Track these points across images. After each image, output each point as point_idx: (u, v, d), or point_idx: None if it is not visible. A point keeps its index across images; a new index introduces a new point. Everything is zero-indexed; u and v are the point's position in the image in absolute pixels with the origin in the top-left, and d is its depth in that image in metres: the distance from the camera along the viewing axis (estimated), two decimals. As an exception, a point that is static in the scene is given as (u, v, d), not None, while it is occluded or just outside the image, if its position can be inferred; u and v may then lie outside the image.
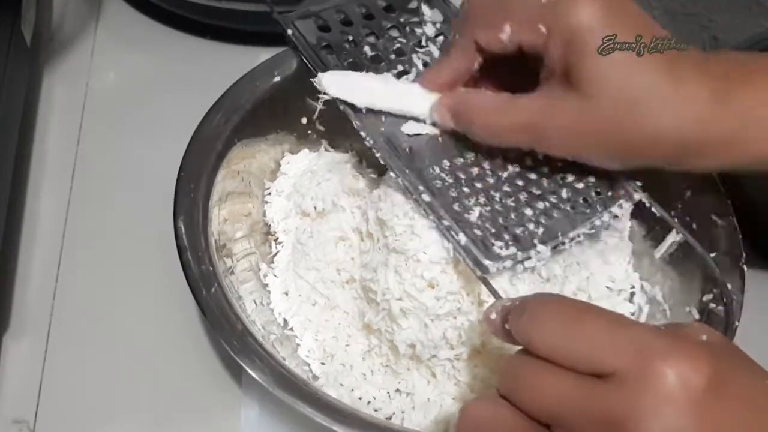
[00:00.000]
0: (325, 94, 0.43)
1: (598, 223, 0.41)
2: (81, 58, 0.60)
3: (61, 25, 0.62)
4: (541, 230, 0.40)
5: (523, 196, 0.42)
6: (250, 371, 0.38)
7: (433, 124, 0.44)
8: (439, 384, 0.43)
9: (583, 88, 0.37)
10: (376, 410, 0.43)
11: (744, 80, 0.38)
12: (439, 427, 0.42)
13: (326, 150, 0.52)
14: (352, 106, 0.43)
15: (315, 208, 0.47)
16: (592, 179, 0.42)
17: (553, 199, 0.42)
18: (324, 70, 0.45)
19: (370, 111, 0.43)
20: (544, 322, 0.31)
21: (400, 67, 0.47)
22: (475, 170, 0.43)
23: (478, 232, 0.40)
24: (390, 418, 0.43)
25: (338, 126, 0.50)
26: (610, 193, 0.42)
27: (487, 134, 0.41)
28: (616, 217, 0.42)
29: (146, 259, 0.50)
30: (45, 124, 0.57)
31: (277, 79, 0.49)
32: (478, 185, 0.42)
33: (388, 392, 0.44)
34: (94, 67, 0.60)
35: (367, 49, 0.47)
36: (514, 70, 0.42)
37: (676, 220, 0.44)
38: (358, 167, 0.51)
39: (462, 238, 0.39)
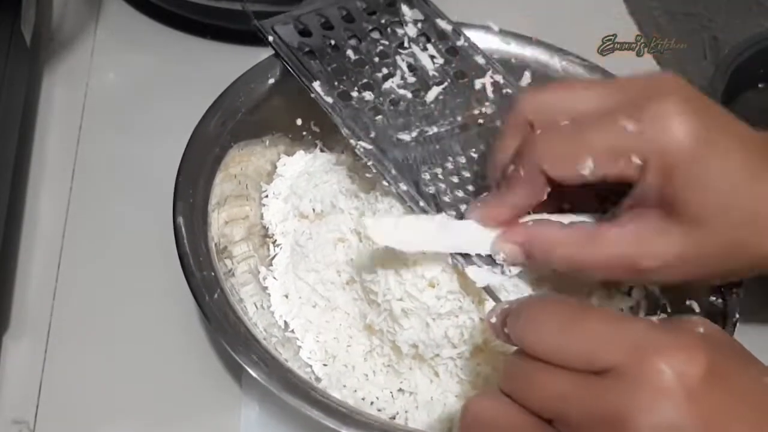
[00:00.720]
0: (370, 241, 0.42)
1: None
2: (81, 58, 0.60)
3: (61, 25, 0.62)
4: None
5: None
6: (255, 375, 0.38)
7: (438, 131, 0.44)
8: (442, 383, 0.43)
9: (690, 216, 0.35)
10: (379, 410, 0.43)
11: None
12: (443, 425, 0.42)
13: (321, 151, 0.52)
14: (341, 118, 0.44)
15: (313, 209, 0.47)
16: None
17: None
18: (308, 77, 0.45)
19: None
20: (539, 324, 0.31)
21: (385, 70, 0.47)
22: (467, 175, 0.43)
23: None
24: (394, 418, 0.43)
25: (333, 127, 0.50)
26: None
27: (570, 268, 0.38)
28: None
29: (146, 259, 0.50)
30: (45, 124, 0.57)
31: (271, 80, 0.49)
32: (471, 189, 0.42)
33: (391, 392, 0.44)
34: (94, 67, 0.60)
35: (350, 52, 0.47)
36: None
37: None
38: (355, 168, 0.51)
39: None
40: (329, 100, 0.45)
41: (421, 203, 0.41)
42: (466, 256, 0.39)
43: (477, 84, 0.48)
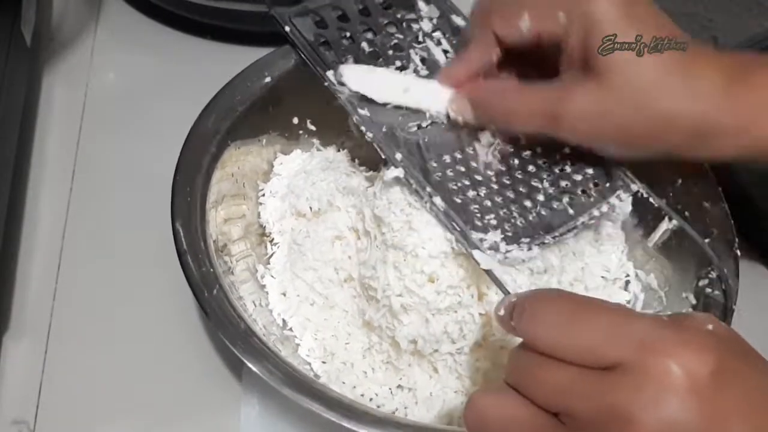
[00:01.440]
0: (341, 85, 0.44)
1: (596, 213, 0.42)
2: (81, 58, 0.60)
3: (61, 25, 0.62)
4: (541, 222, 0.41)
5: (523, 188, 0.43)
6: (256, 371, 0.38)
7: (448, 119, 0.44)
8: (441, 378, 0.43)
9: (601, 74, 0.38)
10: (378, 406, 0.43)
11: (759, 69, 0.39)
12: (442, 421, 0.42)
13: (318, 149, 0.52)
14: (352, 103, 0.44)
15: (311, 208, 0.48)
16: (590, 171, 0.43)
17: (552, 191, 0.43)
18: (323, 67, 0.45)
19: (369, 105, 0.44)
20: (544, 319, 0.31)
21: (398, 63, 0.47)
22: (474, 164, 0.43)
23: (478, 223, 0.40)
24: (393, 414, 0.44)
25: (329, 125, 0.50)
26: (608, 184, 0.43)
27: (506, 119, 0.42)
28: (614, 207, 0.43)
29: (146, 259, 0.50)
30: (45, 124, 0.57)
31: (267, 79, 0.49)
32: (478, 178, 0.42)
33: (390, 388, 0.44)
34: (94, 67, 0.60)
35: (364, 45, 0.47)
36: (533, 68, 0.43)
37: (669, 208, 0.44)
38: (352, 165, 0.51)
39: (462, 226, 0.40)
40: (341, 92, 0.45)
41: (428, 189, 0.41)
42: (470, 240, 0.39)
43: None
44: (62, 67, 0.60)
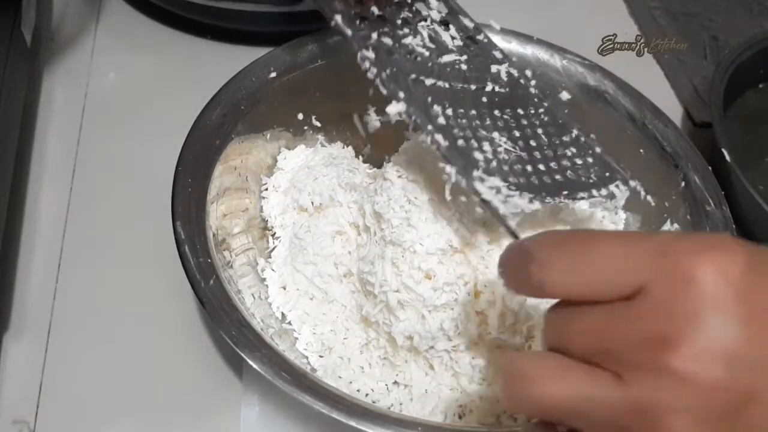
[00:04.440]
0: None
1: (595, 194, 0.42)
2: (81, 58, 0.60)
3: (61, 25, 0.62)
4: (542, 184, 0.41)
5: (526, 154, 0.42)
6: (249, 361, 0.38)
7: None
8: (436, 375, 0.43)
9: None
10: (374, 402, 0.43)
11: None
12: (438, 418, 0.42)
13: (322, 145, 0.52)
14: (359, 42, 0.43)
15: (312, 203, 0.48)
16: (590, 159, 0.43)
17: (553, 164, 0.43)
18: (331, 12, 0.44)
19: (377, 48, 0.43)
20: (552, 263, 0.29)
21: (406, 30, 0.46)
22: (478, 121, 0.43)
23: (481, 165, 0.40)
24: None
25: (334, 121, 0.50)
26: (607, 174, 0.43)
27: None
28: (612, 195, 0.42)
29: (146, 260, 0.50)
30: (45, 124, 0.57)
31: (273, 74, 0.49)
32: (483, 133, 0.42)
33: (386, 384, 0.44)
34: (94, 68, 0.60)
35: (374, 8, 0.46)
36: None
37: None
38: (354, 162, 0.51)
39: (464, 161, 0.39)
40: (348, 31, 0.44)
41: (430, 126, 0.40)
42: (470, 175, 0.39)
43: (493, 68, 0.47)
44: (62, 67, 0.60)
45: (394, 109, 0.41)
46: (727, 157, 0.52)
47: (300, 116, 0.51)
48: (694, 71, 0.64)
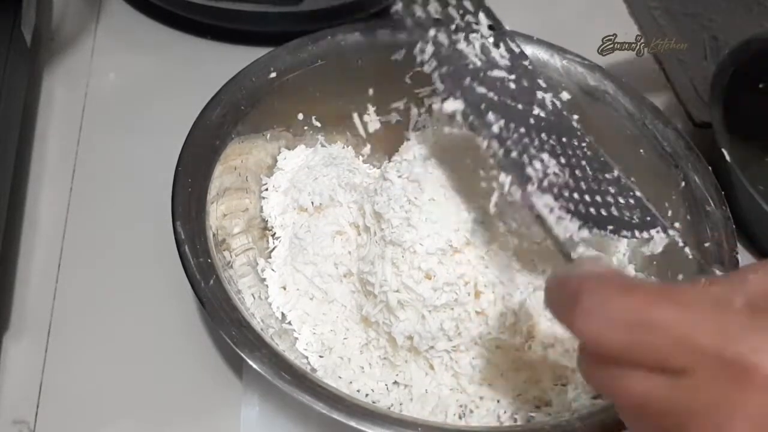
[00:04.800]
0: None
1: (638, 235, 0.40)
2: (81, 58, 0.60)
3: (61, 25, 0.62)
4: (587, 214, 0.39)
5: (574, 181, 0.41)
6: (249, 361, 0.38)
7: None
8: (436, 375, 0.43)
9: None
10: (374, 402, 0.43)
11: None
12: (438, 418, 0.42)
13: (322, 146, 0.52)
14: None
15: (312, 203, 0.48)
16: (632, 201, 0.41)
17: (598, 197, 0.41)
18: None
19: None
20: (600, 315, 0.28)
21: (460, 35, 0.44)
22: (536, 141, 0.41)
23: (533, 180, 0.39)
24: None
25: (334, 121, 0.50)
26: (648, 218, 0.41)
27: None
28: (653, 239, 0.41)
29: (146, 260, 0.50)
30: (45, 124, 0.57)
31: (273, 74, 0.49)
32: (533, 151, 0.40)
33: (386, 384, 0.44)
34: (94, 68, 0.60)
35: (431, 7, 0.45)
36: None
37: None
38: (354, 162, 0.51)
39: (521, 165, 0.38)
40: (409, 20, 0.43)
41: (485, 131, 0.39)
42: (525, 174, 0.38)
43: (538, 94, 0.45)
44: (62, 67, 0.60)
45: (452, 106, 0.40)
46: (727, 157, 0.52)
47: (300, 116, 0.51)
48: (694, 71, 0.64)
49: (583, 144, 0.43)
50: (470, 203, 0.43)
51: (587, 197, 0.40)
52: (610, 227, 0.39)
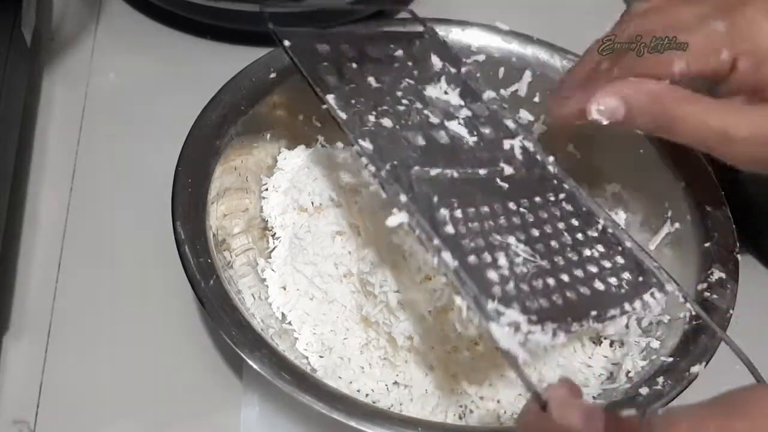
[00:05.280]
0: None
1: (628, 308, 0.37)
2: (81, 58, 0.60)
3: (61, 25, 0.62)
4: (566, 305, 0.35)
5: (547, 264, 0.36)
6: (249, 361, 0.38)
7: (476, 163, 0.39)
8: (436, 376, 0.43)
9: None
10: (374, 402, 0.43)
11: None
12: (437, 418, 0.42)
13: (322, 146, 0.52)
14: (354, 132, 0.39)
15: (312, 203, 0.48)
16: (620, 260, 0.38)
17: (578, 273, 0.37)
18: (324, 90, 0.41)
19: (376, 136, 0.39)
20: None
21: (405, 102, 0.42)
22: (502, 219, 0.38)
23: (495, 292, 0.34)
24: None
25: (334, 123, 0.50)
26: (640, 279, 0.38)
27: (669, 125, 0.38)
28: (647, 305, 0.37)
29: (147, 260, 0.50)
30: (45, 124, 0.57)
31: (273, 75, 0.49)
32: (497, 239, 0.36)
33: (386, 384, 0.44)
34: (94, 67, 0.60)
35: (371, 79, 0.43)
36: None
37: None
38: (355, 162, 0.51)
39: (476, 291, 0.33)
40: (343, 115, 0.40)
41: (436, 241, 0.34)
42: (485, 310, 0.33)
43: (506, 144, 0.42)
44: (62, 67, 0.60)
45: (396, 220, 0.35)
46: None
47: (300, 117, 0.51)
48: (694, 71, 0.64)
49: (561, 195, 0.40)
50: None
51: (565, 277, 0.36)
52: (593, 313, 0.35)
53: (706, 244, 0.44)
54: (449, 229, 0.35)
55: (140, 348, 0.47)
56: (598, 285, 0.37)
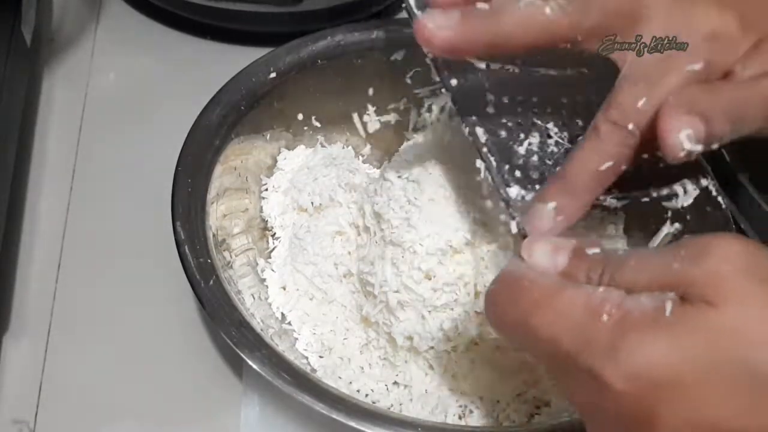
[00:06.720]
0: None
1: (654, 195, 0.38)
2: (81, 58, 0.60)
3: (61, 25, 0.62)
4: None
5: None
6: (249, 361, 0.38)
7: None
8: (436, 376, 0.43)
9: None
10: (374, 402, 0.43)
11: None
12: (437, 418, 0.42)
13: (322, 146, 0.52)
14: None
15: (312, 203, 0.48)
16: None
17: None
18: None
19: None
20: (499, 322, 0.32)
21: None
22: (549, 109, 0.39)
23: (518, 162, 0.37)
24: (387, 411, 0.44)
25: (334, 122, 0.50)
26: (675, 171, 0.38)
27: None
28: (675, 196, 0.38)
29: (146, 260, 0.50)
30: (45, 124, 0.57)
31: (273, 75, 0.49)
32: (534, 122, 0.38)
33: (386, 385, 0.44)
34: (94, 68, 0.60)
35: None
36: None
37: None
38: (354, 162, 0.51)
39: (494, 160, 0.36)
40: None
41: (473, 117, 0.37)
42: (503, 176, 0.36)
43: None
44: (62, 67, 0.60)
45: (441, 101, 0.40)
46: (727, 157, 0.52)
47: (300, 116, 0.51)
48: (694, 71, 0.64)
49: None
50: (470, 203, 0.43)
51: None
52: (615, 190, 0.36)
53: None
54: (490, 109, 0.38)
55: (140, 348, 0.47)
56: (627, 173, 0.36)
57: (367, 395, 0.44)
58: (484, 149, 0.37)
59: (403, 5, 0.39)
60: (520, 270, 0.31)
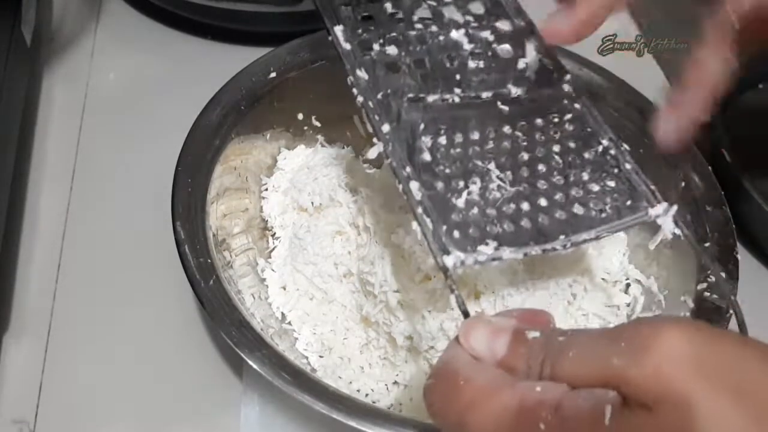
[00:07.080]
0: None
1: (603, 233, 0.36)
2: (81, 58, 0.60)
3: (61, 25, 0.62)
4: (534, 228, 0.35)
5: (524, 188, 0.36)
6: (249, 361, 0.38)
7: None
8: (436, 376, 0.43)
9: None
10: (374, 402, 0.43)
11: None
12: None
13: (322, 146, 0.52)
14: (352, 61, 0.39)
15: (312, 203, 0.48)
16: (611, 183, 0.38)
17: (558, 197, 0.37)
18: (333, 21, 0.40)
19: (374, 67, 0.39)
20: (438, 416, 0.30)
21: (419, 26, 0.41)
22: (490, 144, 0.38)
23: (455, 218, 0.34)
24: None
25: (334, 121, 0.50)
26: (628, 203, 0.37)
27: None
28: (629, 230, 0.38)
29: (146, 259, 0.50)
30: (45, 124, 0.57)
31: (273, 75, 0.49)
32: (476, 164, 0.37)
33: (386, 384, 0.44)
34: (94, 68, 0.60)
35: (387, 5, 0.42)
36: None
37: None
38: (354, 162, 0.51)
39: (435, 220, 0.34)
40: (347, 47, 0.40)
41: (407, 170, 0.35)
42: (438, 237, 0.33)
43: (521, 63, 0.41)
44: (62, 67, 0.60)
45: (374, 151, 0.37)
46: (727, 157, 0.52)
47: (300, 116, 0.51)
48: (694, 71, 0.64)
49: (567, 117, 0.39)
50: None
51: (542, 201, 0.36)
52: (562, 237, 0.35)
53: (706, 244, 0.44)
54: (426, 156, 0.36)
55: (140, 348, 0.47)
56: (577, 209, 0.37)
57: (367, 395, 0.44)
58: (419, 210, 0.34)
59: (330, 38, 0.40)
60: (456, 362, 0.30)
